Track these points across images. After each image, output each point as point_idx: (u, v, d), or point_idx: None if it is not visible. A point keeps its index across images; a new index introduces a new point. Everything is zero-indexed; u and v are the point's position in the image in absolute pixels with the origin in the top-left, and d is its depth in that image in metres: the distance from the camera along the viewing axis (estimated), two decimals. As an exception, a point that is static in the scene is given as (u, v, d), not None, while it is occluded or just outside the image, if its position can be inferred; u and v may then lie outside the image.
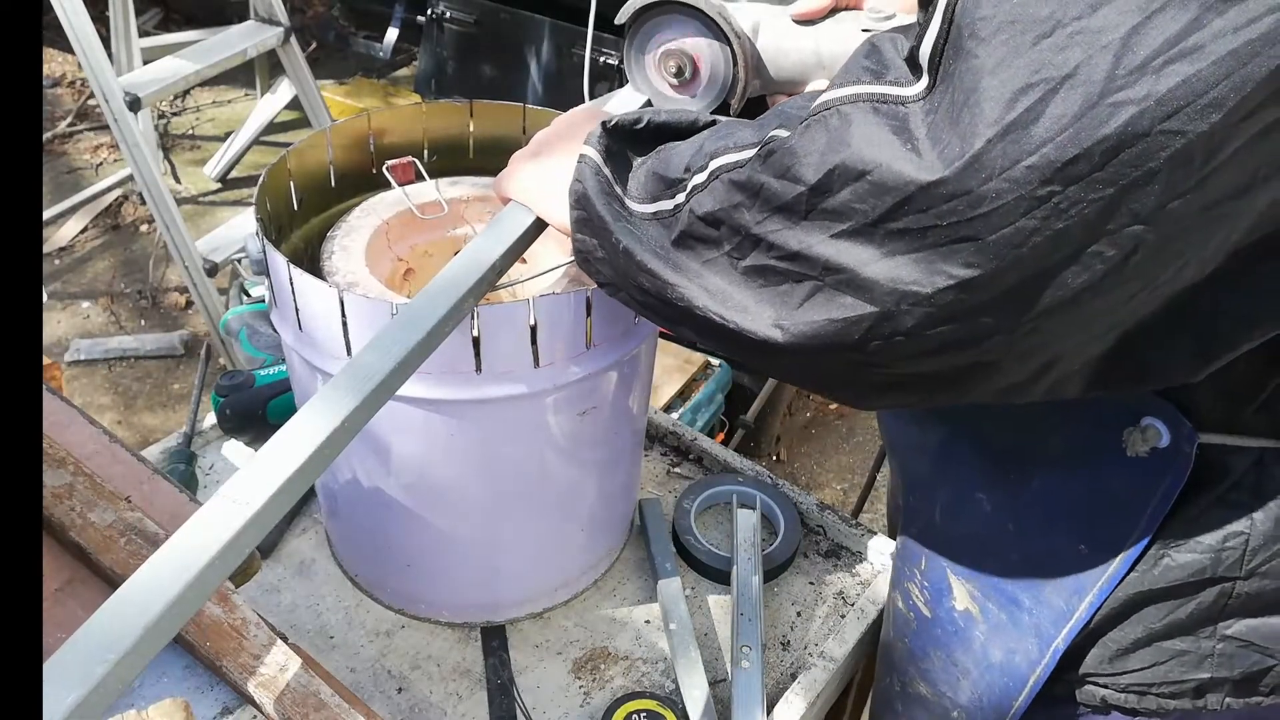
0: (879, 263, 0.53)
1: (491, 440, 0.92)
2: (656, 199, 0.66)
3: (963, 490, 0.81)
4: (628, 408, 1.00)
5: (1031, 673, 0.79)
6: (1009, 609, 0.79)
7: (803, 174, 0.55)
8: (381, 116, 1.09)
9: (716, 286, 0.61)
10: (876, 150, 0.52)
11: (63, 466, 0.85)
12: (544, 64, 3.25)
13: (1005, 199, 0.49)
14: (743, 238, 0.59)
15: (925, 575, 0.86)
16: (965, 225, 0.50)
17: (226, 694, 0.78)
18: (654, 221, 0.65)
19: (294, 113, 3.55)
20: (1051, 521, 0.75)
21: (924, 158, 0.50)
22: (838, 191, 0.54)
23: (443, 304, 0.71)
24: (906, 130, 0.52)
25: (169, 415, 2.70)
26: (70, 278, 3.16)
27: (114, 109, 2.28)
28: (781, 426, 2.63)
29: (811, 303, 0.57)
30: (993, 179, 0.49)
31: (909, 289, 0.53)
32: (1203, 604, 0.71)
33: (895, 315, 0.54)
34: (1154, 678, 0.74)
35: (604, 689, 1.01)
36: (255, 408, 1.25)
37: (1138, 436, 0.68)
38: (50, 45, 4.13)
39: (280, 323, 0.93)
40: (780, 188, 0.57)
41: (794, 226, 0.56)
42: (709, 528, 1.20)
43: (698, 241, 0.62)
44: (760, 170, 0.58)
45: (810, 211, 0.55)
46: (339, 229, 1.01)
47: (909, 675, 0.92)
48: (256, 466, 0.61)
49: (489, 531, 1.00)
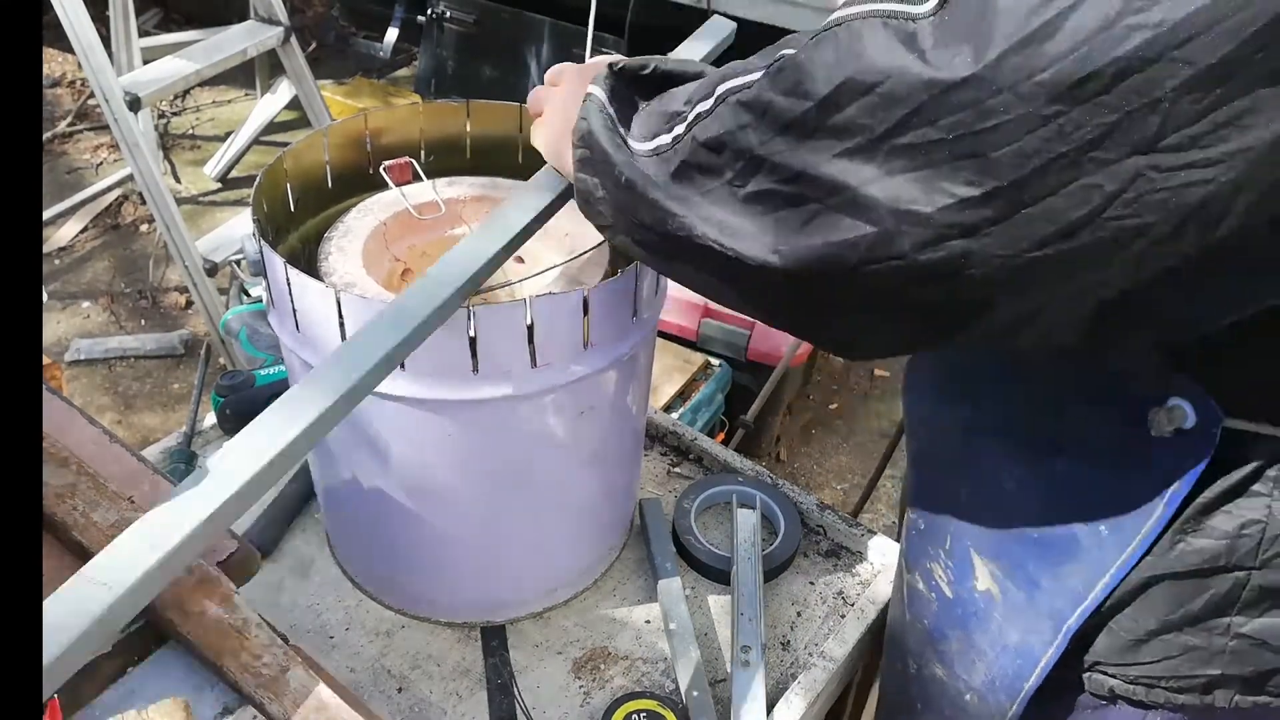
0: (880, 181, 0.54)
1: (490, 440, 0.92)
2: (656, 135, 0.66)
3: (989, 470, 0.81)
4: (627, 407, 1.00)
5: (1044, 655, 0.79)
6: (1028, 590, 0.79)
7: (812, 88, 0.56)
8: (379, 117, 1.09)
9: (717, 216, 0.62)
10: (888, 60, 0.53)
11: (65, 466, 0.85)
12: (544, 64, 3.25)
13: (1012, 114, 0.49)
14: (745, 162, 0.60)
15: (950, 555, 0.86)
16: (970, 139, 0.51)
17: (226, 694, 0.78)
18: (654, 157, 0.66)
19: (294, 113, 3.55)
20: (1075, 502, 0.75)
21: (934, 64, 0.51)
22: (845, 106, 0.54)
23: (482, 254, 0.76)
24: (915, 43, 0.52)
25: (169, 415, 2.70)
26: (70, 278, 3.16)
27: (114, 109, 2.28)
28: (781, 426, 2.63)
29: (811, 226, 0.57)
30: (1004, 91, 0.49)
31: (909, 208, 0.53)
32: (1216, 594, 0.71)
33: (893, 236, 0.54)
34: (1164, 671, 0.74)
35: (604, 689, 1.02)
36: (255, 408, 1.23)
37: (1163, 416, 0.68)
38: (50, 45, 4.13)
39: (278, 323, 0.93)
40: (788, 104, 0.57)
41: (798, 146, 0.57)
42: (709, 528, 1.20)
43: (698, 171, 0.63)
44: (768, 87, 0.58)
45: (816, 130, 0.56)
46: (336, 229, 1.01)
47: (925, 657, 0.92)
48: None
49: (488, 531, 1.00)
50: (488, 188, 1.09)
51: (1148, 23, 0.46)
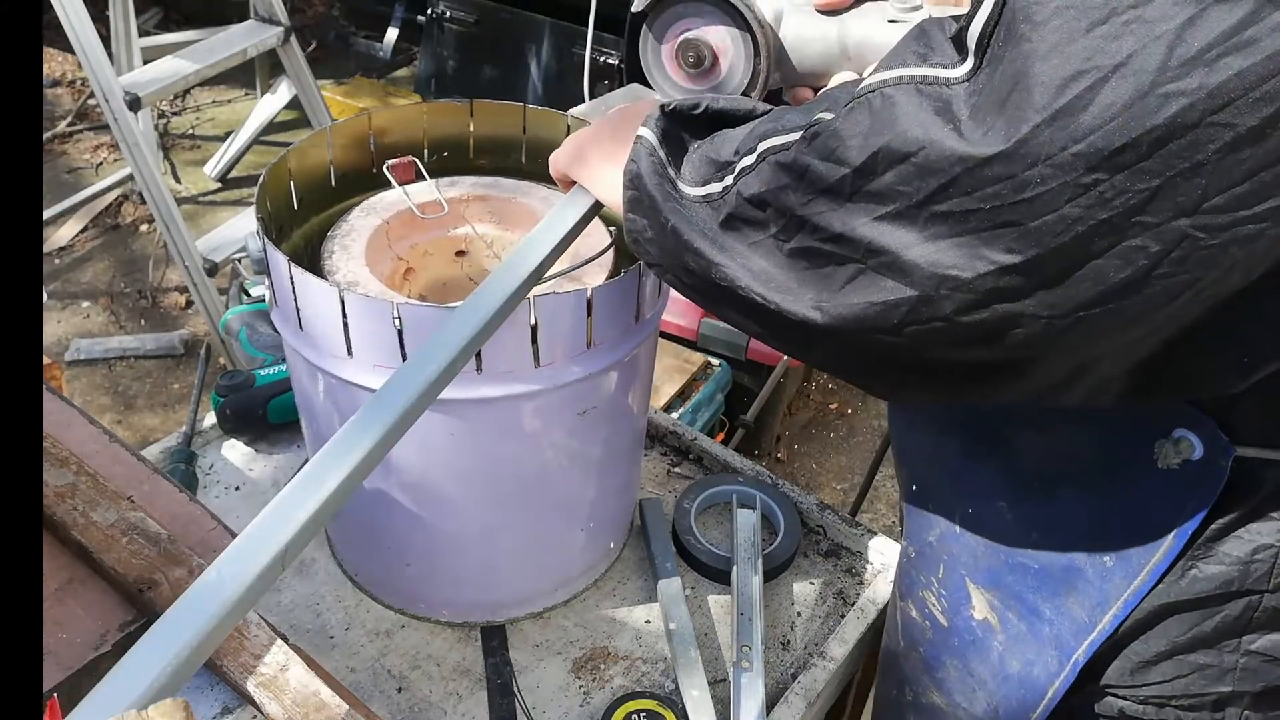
0: (920, 246, 0.53)
1: (491, 440, 0.92)
2: (707, 182, 0.66)
3: (985, 500, 0.80)
4: (628, 407, 1.00)
5: (1050, 685, 0.78)
6: (1029, 620, 0.79)
7: (847, 156, 0.55)
8: (382, 116, 1.09)
9: (761, 268, 0.62)
10: (922, 131, 0.52)
11: (65, 466, 0.85)
12: (544, 64, 3.25)
13: (1050, 185, 0.49)
14: (788, 220, 0.60)
15: (943, 584, 0.86)
16: (1008, 210, 0.50)
17: (226, 694, 0.78)
18: (704, 204, 0.65)
19: (294, 112, 3.55)
20: (1077, 533, 0.74)
21: (967, 138, 0.51)
22: (882, 173, 0.54)
23: (522, 270, 0.76)
24: (950, 112, 0.52)
25: (169, 415, 2.70)
26: (70, 278, 3.16)
27: (114, 109, 2.28)
28: (781, 426, 2.63)
29: (853, 285, 0.57)
30: (1038, 164, 0.49)
31: (949, 273, 0.53)
32: (1228, 617, 0.70)
33: (934, 299, 0.54)
34: (1174, 690, 0.74)
35: (604, 689, 1.01)
36: (255, 408, 1.25)
37: (1169, 449, 0.67)
38: (50, 45, 4.13)
39: (281, 322, 0.93)
40: (825, 169, 0.57)
41: (838, 208, 0.57)
42: (709, 528, 1.20)
43: (744, 224, 0.63)
44: (805, 152, 0.58)
45: (854, 194, 0.56)
46: (339, 228, 1.01)
47: (922, 685, 0.92)
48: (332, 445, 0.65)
49: (489, 531, 1.00)
50: (490, 187, 1.09)
51: (1185, 90, 0.46)
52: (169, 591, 0.78)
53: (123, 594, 0.79)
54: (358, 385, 0.87)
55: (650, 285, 0.93)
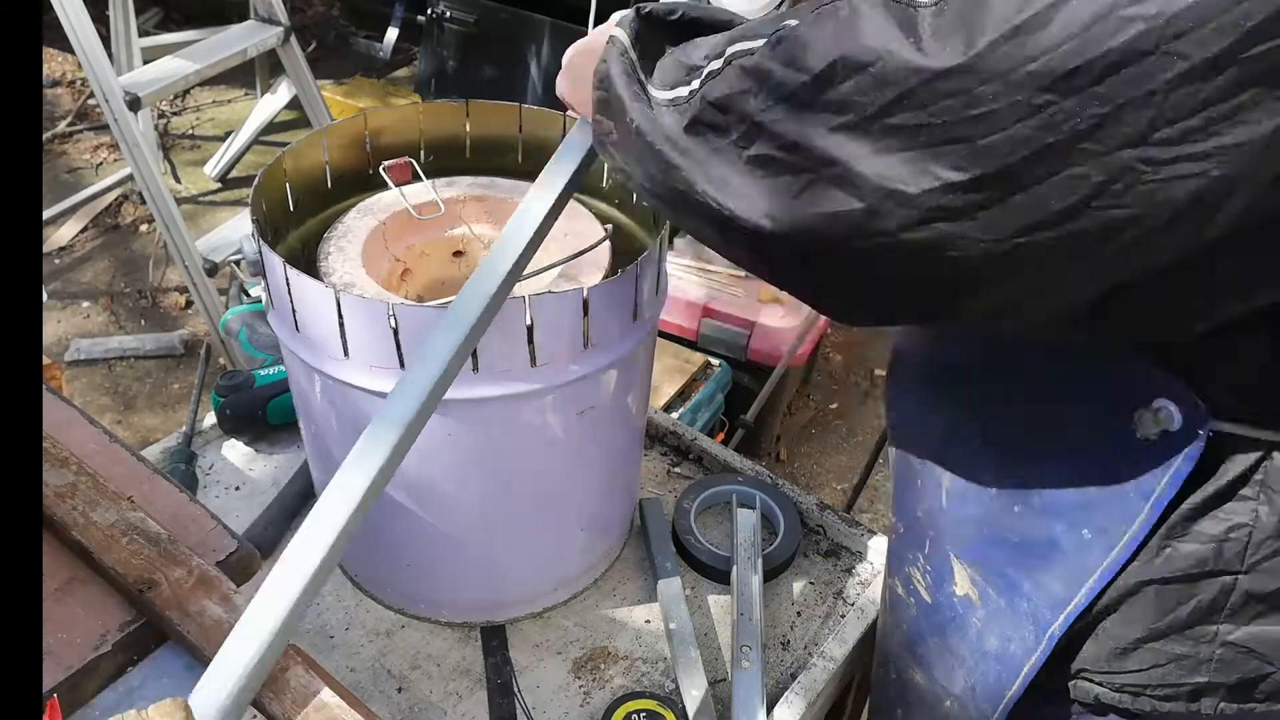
0: (871, 159, 0.54)
1: (490, 440, 0.92)
2: (675, 86, 0.66)
3: (969, 473, 0.81)
4: (626, 407, 1.00)
5: (1026, 661, 0.78)
6: (1009, 595, 0.79)
7: (808, 62, 0.56)
8: (378, 117, 1.09)
9: (720, 174, 0.62)
10: (881, 43, 0.53)
11: (65, 466, 0.85)
12: (544, 64, 3.25)
13: (1001, 102, 0.49)
14: (748, 126, 0.60)
15: (929, 559, 0.86)
16: (958, 125, 0.51)
17: (226, 694, 0.78)
18: (670, 108, 0.65)
19: (294, 113, 3.55)
20: (1057, 505, 0.75)
21: (926, 51, 0.51)
22: (840, 83, 0.54)
23: (529, 223, 0.78)
24: (913, 27, 0.52)
25: (169, 415, 2.70)
26: (70, 278, 3.16)
27: (114, 109, 2.28)
28: (781, 426, 2.63)
29: (805, 196, 0.57)
30: (992, 80, 0.49)
31: (895, 187, 0.53)
32: (1203, 600, 0.70)
33: (880, 213, 0.54)
34: (1150, 679, 0.74)
35: (604, 689, 1.02)
36: (255, 408, 1.25)
37: (1149, 418, 0.67)
38: (50, 45, 4.13)
39: (277, 323, 0.93)
40: (786, 76, 0.57)
41: (795, 116, 0.57)
42: (709, 528, 1.20)
43: (707, 128, 0.63)
44: (769, 57, 0.58)
45: (812, 103, 0.56)
46: (335, 230, 1.01)
47: (904, 662, 0.92)
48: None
49: (488, 531, 1.00)
50: (487, 188, 1.09)
51: (1143, 14, 0.46)
52: (169, 592, 0.78)
53: (123, 594, 0.79)
54: (354, 386, 0.87)
55: (648, 284, 0.93)
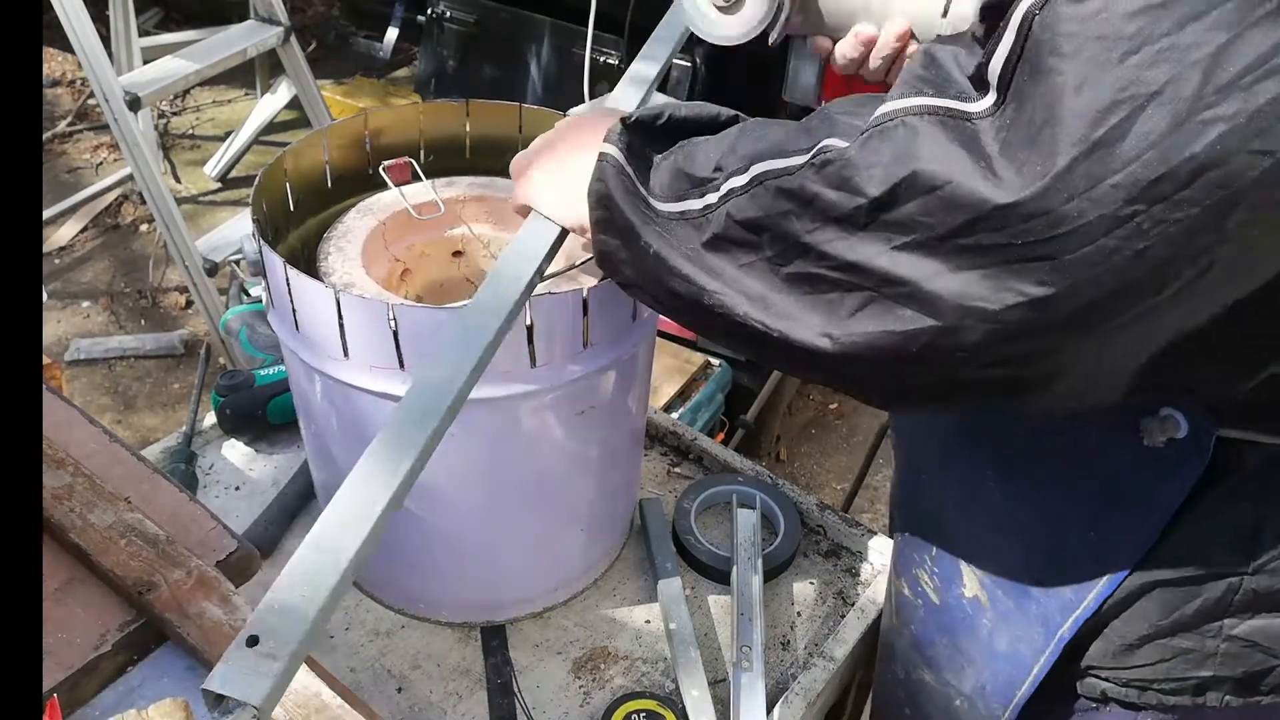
0: (945, 277, 0.53)
1: (490, 440, 0.92)
2: (682, 198, 0.65)
3: (975, 479, 0.81)
4: (626, 407, 1.00)
5: (1036, 662, 0.79)
6: (1018, 598, 0.79)
7: (864, 186, 0.55)
8: (378, 117, 1.09)
9: (756, 292, 0.61)
10: (948, 165, 0.52)
11: (62, 468, 0.85)
12: (544, 64, 3.25)
13: (1087, 218, 0.48)
14: (788, 245, 0.59)
15: (936, 562, 0.86)
16: (1042, 245, 0.50)
17: (226, 694, 0.78)
18: (681, 221, 0.64)
19: (294, 112, 3.54)
20: (1064, 511, 0.75)
21: (1000, 177, 0.50)
22: (903, 204, 0.53)
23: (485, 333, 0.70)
24: (977, 147, 0.51)
25: (169, 415, 2.70)
26: (70, 278, 3.16)
27: (114, 109, 2.28)
28: (781, 426, 2.63)
29: (865, 313, 0.56)
30: (1075, 199, 0.48)
31: (975, 305, 0.52)
32: (1209, 599, 0.71)
33: (958, 330, 0.53)
34: (1157, 674, 0.74)
35: (604, 689, 1.01)
36: (255, 408, 1.25)
37: (1155, 427, 0.67)
38: (50, 45, 4.13)
39: (277, 323, 0.93)
40: (837, 198, 0.56)
41: (849, 237, 0.56)
42: (709, 528, 1.20)
43: (733, 245, 0.62)
44: (814, 180, 0.57)
45: (870, 223, 0.55)
46: (335, 230, 1.01)
47: (913, 662, 0.92)
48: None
49: (488, 531, 1.00)
50: (487, 187, 1.09)
51: (1223, 115, 0.45)
52: (167, 594, 0.78)
53: (122, 595, 0.79)
54: (354, 387, 0.87)
55: (649, 285, 0.93)
